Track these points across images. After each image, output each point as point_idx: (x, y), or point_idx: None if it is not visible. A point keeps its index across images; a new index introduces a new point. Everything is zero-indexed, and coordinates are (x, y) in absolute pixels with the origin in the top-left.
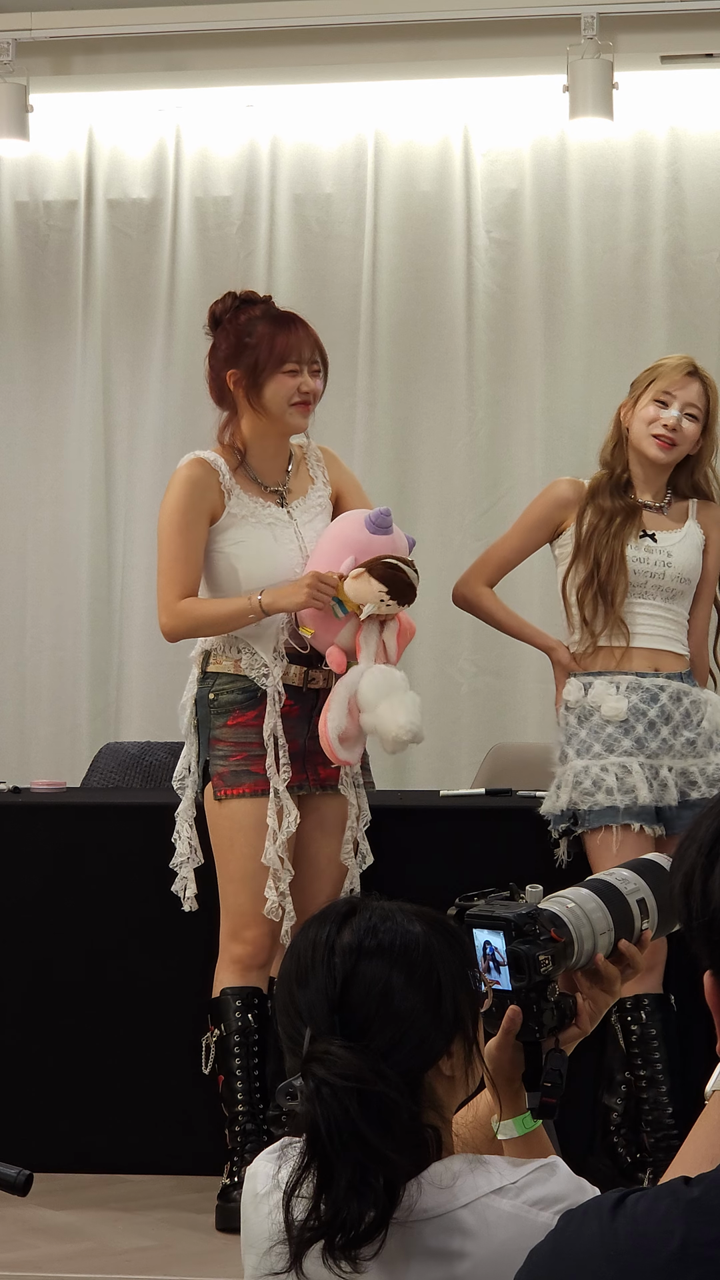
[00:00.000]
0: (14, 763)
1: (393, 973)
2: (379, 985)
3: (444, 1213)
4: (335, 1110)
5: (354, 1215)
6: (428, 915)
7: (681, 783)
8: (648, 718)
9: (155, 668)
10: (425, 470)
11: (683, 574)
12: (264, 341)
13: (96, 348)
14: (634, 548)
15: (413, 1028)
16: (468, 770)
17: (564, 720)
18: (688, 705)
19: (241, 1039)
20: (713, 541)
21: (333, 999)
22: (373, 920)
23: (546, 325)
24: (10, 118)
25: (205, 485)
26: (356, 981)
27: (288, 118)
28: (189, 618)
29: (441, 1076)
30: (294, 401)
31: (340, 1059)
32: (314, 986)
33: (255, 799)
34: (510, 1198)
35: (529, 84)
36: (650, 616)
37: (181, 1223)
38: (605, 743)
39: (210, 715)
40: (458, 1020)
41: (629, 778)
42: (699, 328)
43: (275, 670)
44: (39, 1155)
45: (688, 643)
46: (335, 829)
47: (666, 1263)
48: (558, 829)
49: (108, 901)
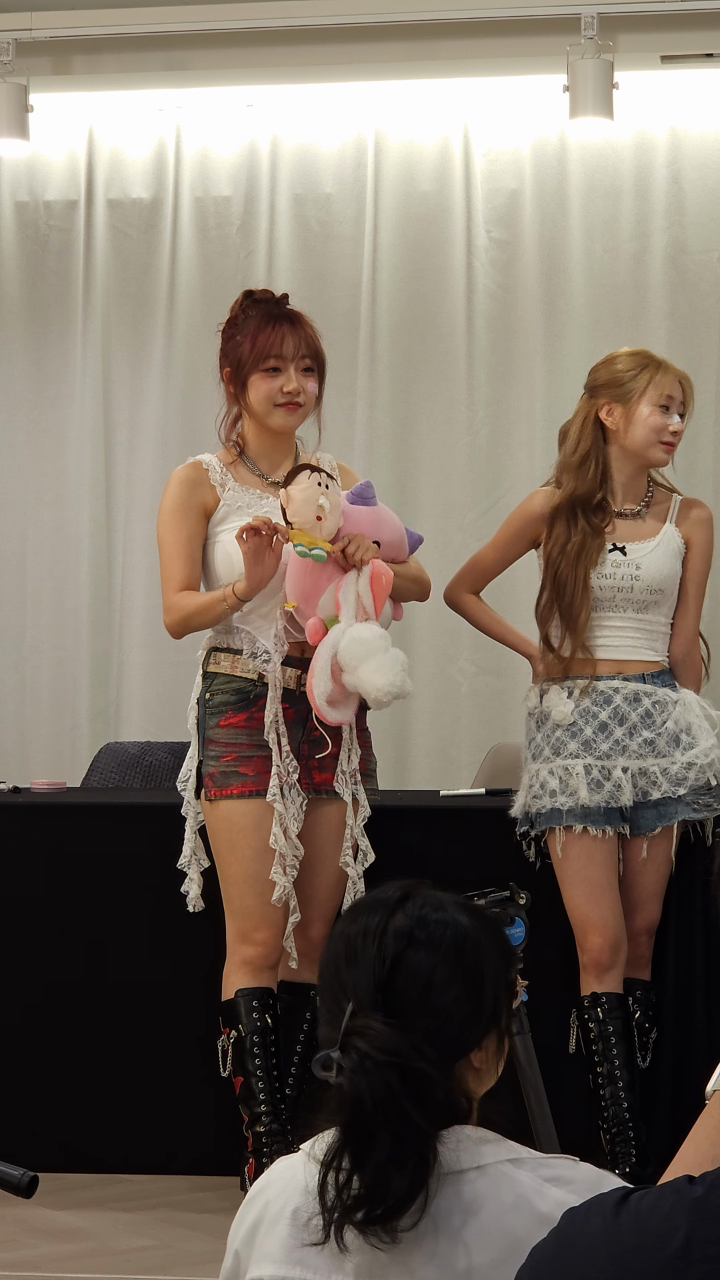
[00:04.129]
0: (14, 763)
1: (440, 964)
2: (424, 974)
3: (458, 1170)
4: (378, 1083)
5: (394, 1186)
6: (474, 909)
7: (642, 782)
8: (598, 720)
9: (155, 668)
10: (425, 470)
11: (653, 585)
12: (247, 340)
13: (96, 348)
14: (600, 564)
15: (451, 1019)
16: (468, 770)
17: (526, 726)
18: (648, 705)
19: (259, 1039)
20: (694, 544)
21: (379, 979)
22: (425, 909)
23: (546, 325)
24: (10, 118)
25: (196, 482)
26: (403, 968)
27: (288, 118)
28: (182, 611)
29: (471, 1068)
30: (277, 402)
31: (381, 1034)
32: (363, 966)
33: (244, 800)
34: (525, 1169)
35: (529, 84)
36: (619, 629)
37: (181, 1223)
38: (554, 746)
39: (206, 715)
40: (495, 1014)
41: (571, 779)
42: (699, 328)
43: (277, 657)
44: (40, 1155)
45: (670, 646)
46: (333, 833)
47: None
48: (519, 831)
49: (107, 901)
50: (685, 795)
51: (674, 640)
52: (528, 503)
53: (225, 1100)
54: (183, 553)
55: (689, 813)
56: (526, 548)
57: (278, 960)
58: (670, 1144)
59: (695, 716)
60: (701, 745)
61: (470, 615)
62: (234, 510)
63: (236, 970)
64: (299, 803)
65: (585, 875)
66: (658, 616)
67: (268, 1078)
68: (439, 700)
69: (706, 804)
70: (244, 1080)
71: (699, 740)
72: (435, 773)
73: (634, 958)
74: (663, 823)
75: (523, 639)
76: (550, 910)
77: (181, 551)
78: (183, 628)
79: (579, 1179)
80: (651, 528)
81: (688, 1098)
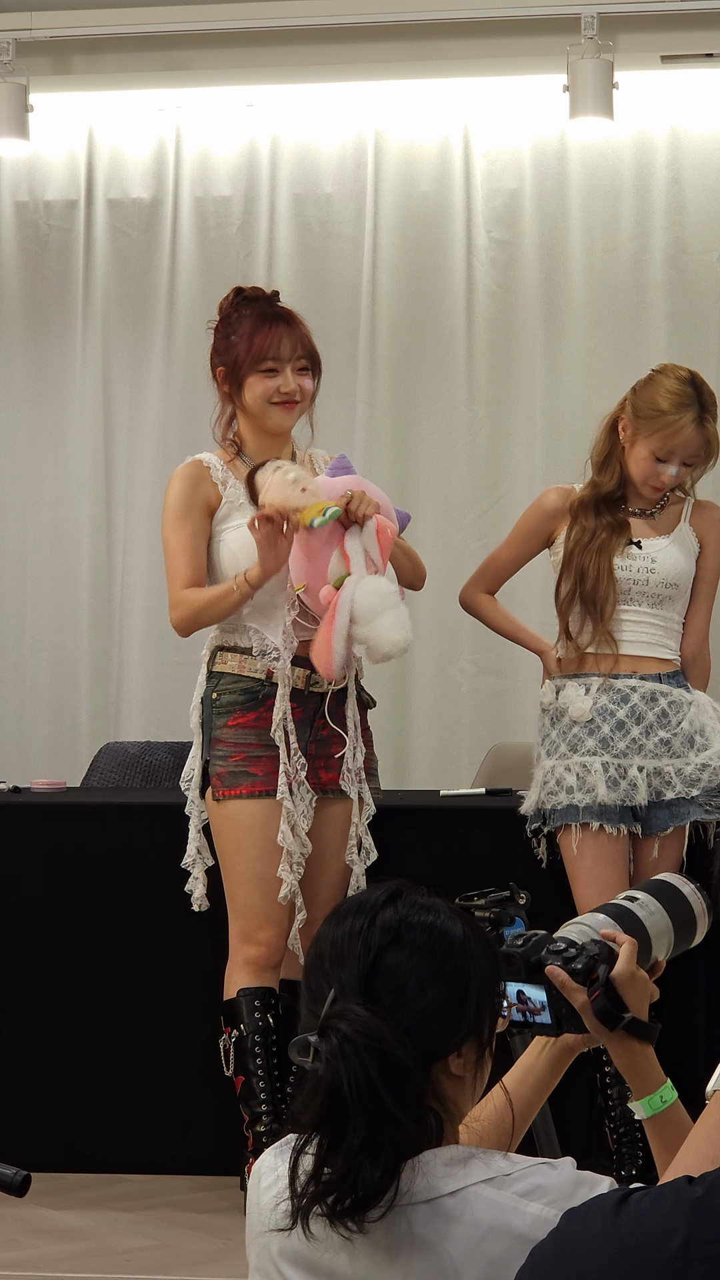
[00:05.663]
0: (14, 763)
1: (423, 962)
2: (408, 969)
3: (431, 1199)
4: (356, 1067)
5: (366, 1175)
6: (468, 919)
7: (656, 782)
8: (616, 718)
9: (155, 668)
10: (425, 470)
11: (668, 579)
12: (243, 340)
13: (96, 348)
14: (619, 557)
15: (433, 1017)
16: (468, 770)
17: (540, 722)
18: (664, 705)
19: (261, 1039)
20: (708, 545)
21: (363, 970)
22: (413, 910)
23: (546, 325)
24: (10, 118)
25: (198, 480)
26: (388, 960)
27: (288, 118)
28: (191, 606)
29: (449, 1075)
30: (273, 401)
31: (362, 1018)
32: (349, 959)
33: (254, 800)
34: (499, 1187)
35: (529, 84)
36: (635, 623)
37: (181, 1223)
38: (570, 743)
39: (212, 715)
40: (478, 1022)
41: (589, 776)
42: (699, 328)
43: (286, 655)
44: (39, 1155)
45: (682, 645)
46: (338, 831)
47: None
48: (530, 829)
49: (107, 902)
50: (698, 796)
51: (686, 638)
52: (542, 499)
53: (225, 1100)
54: (188, 550)
55: (701, 814)
56: (541, 545)
57: (280, 960)
58: None
59: (709, 718)
60: (715, 747)
61: (484, 616)
62: (236, 508)
63: (239, 970)
64: (308, 800)
65: (598, 874)
66: (671, 612)
67: (269, 1077)
68: (439, 700)
69: (719, 806)
70: (245, 1080)
71: (712, 742)
72: (435, 773)
73: None
74: (675, 823)
75: (535, 637)
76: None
77: (187, 549)
78: (192, 624)
79: (554, 1186)
80: (666, 525)
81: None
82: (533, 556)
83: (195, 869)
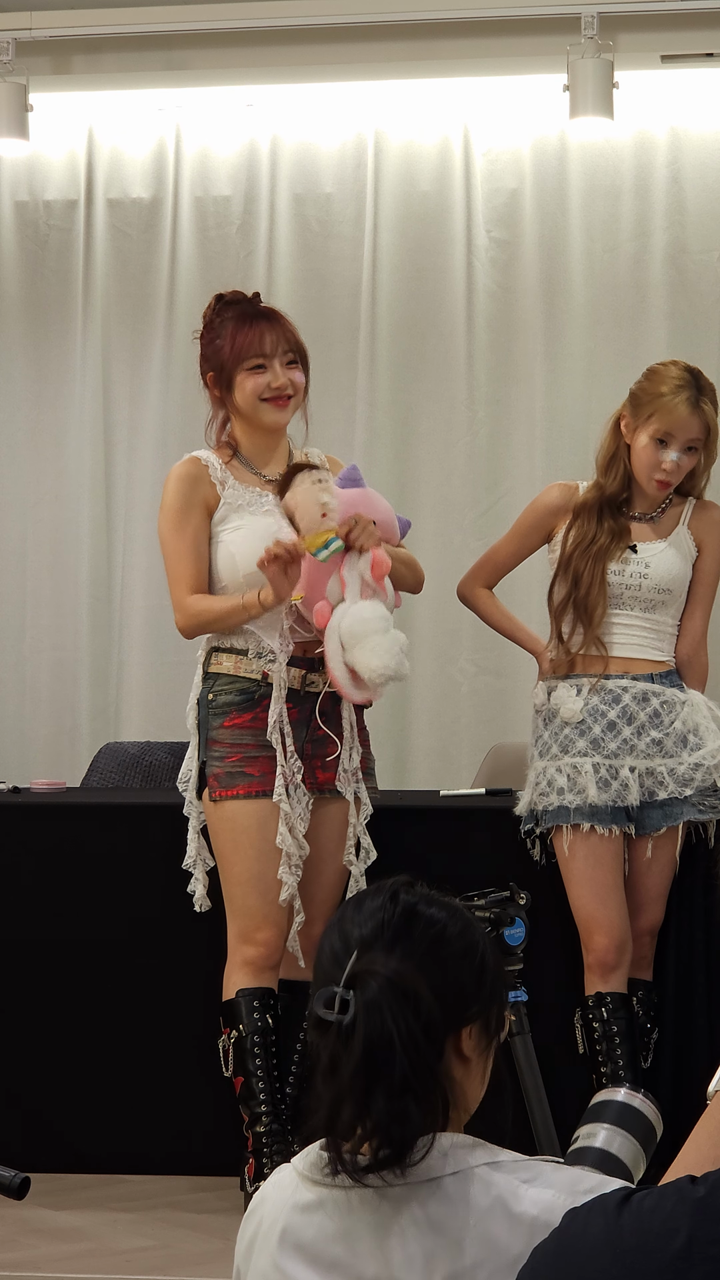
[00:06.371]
0: (14, 763)
1: (450, 921)
2: (437, 925)
3: (433, 1178)
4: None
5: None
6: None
7: (649, 782)
8: (607, 718)
9: (155, 668)
10: (425, 470)
11: (661, 584)
12: (227, 341)
13: (96, 348)
14: (613, 562)
15: (456, 979)
16: (468, 770)
17: (533, 723)
18: (656, 705)
19: (260, 1039)
20: (707, 547)
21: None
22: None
23: (546, 325)
24: (10, 117)
25: (197, 479)
26: (417, 915)
27: (288, 117)
28: (200, 617)
29: (459, 1055)
30: (264, 397)
31: (397, 965)
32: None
33: (250, 800)
34: (501, 1172)
35: (529, 84)
36: (626, 628)
37: (181, 1223)
38: (562, 744)
39: (209, 716)
40: (492, 997)
41: (580, 777)
42: (699, 328)
43: (283, 657)
44: (39, 1156)
45: (677, 647)
46: (336, 832)
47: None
48: (524, 830)
49: (107, 902)
50: (692, 796)
51: (681, 640)
52: (544, 496)
53: (225, 1100)
54: (190, 551)
55: (695, 813)
56: (541, 541)
57: (279, 961)
58: (671, 1145)
59: (703, 718)
60: (709, 746)
61: (482, 610)
62: (234, 510)
63: (237, 970)
64: (305, 802)
65: (591, 875)
66: (664, 617)
67: (268, 1078)
68: (439, 700)
69: (712, 805)
70: (244, 1080)
71: (706, 741)
72: (435, 773)
73: (636, 958)
74: (668, 823)
75: (531, 636)
76: (551, 910)
77: (189, 550)
78: (198, 632)
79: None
80: (664, 528)
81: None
82: (532, 552)
83: (196, 870)
